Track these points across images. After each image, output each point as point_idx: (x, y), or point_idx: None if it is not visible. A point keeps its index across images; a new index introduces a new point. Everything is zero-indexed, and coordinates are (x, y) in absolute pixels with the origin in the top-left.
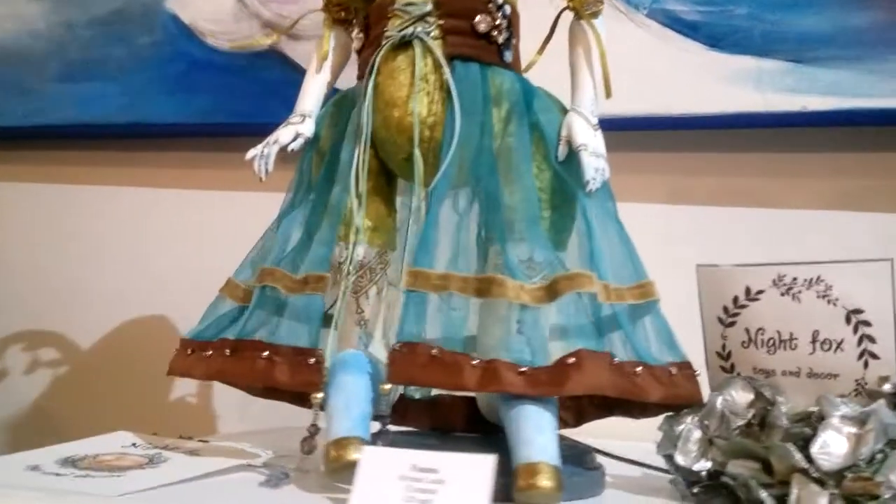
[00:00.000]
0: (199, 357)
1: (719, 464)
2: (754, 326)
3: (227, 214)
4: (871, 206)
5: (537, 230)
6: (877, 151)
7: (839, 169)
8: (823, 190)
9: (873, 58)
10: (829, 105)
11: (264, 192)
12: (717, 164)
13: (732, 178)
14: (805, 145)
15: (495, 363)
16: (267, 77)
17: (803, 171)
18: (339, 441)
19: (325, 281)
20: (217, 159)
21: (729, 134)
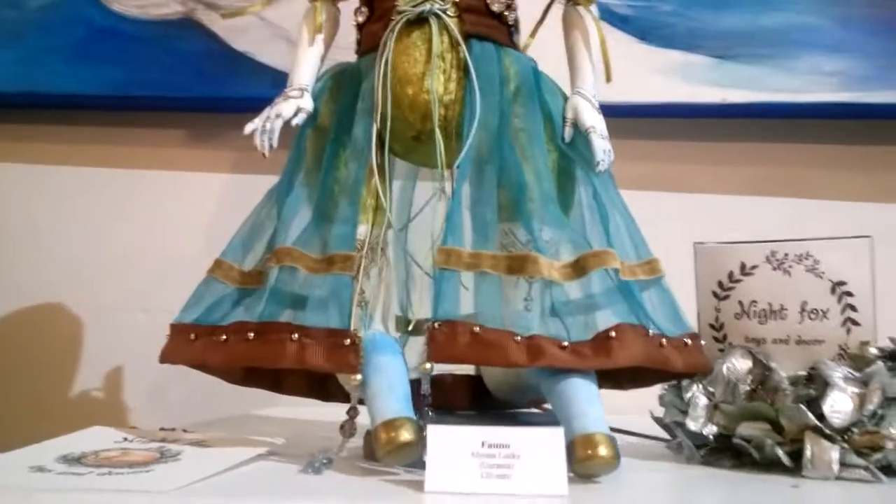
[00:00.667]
0: (210, 343)
1: (724, 427)
2: (748, 299)
3: (138, 194)
4: (782, 192)
5: (556, 209)
6: (788, 142)
7: (754, 157)
8: (740, 176)
9: (786, 56)
10: (746, 98)
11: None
12: (644, 151)
13: (657, 164)
14: (724, 135)
15: (537, 339)
16: (183, 48)
17: (722, 158)
18: (389, 423)
19: (352, 260)
20: (128, 135)
21: (656, 122)
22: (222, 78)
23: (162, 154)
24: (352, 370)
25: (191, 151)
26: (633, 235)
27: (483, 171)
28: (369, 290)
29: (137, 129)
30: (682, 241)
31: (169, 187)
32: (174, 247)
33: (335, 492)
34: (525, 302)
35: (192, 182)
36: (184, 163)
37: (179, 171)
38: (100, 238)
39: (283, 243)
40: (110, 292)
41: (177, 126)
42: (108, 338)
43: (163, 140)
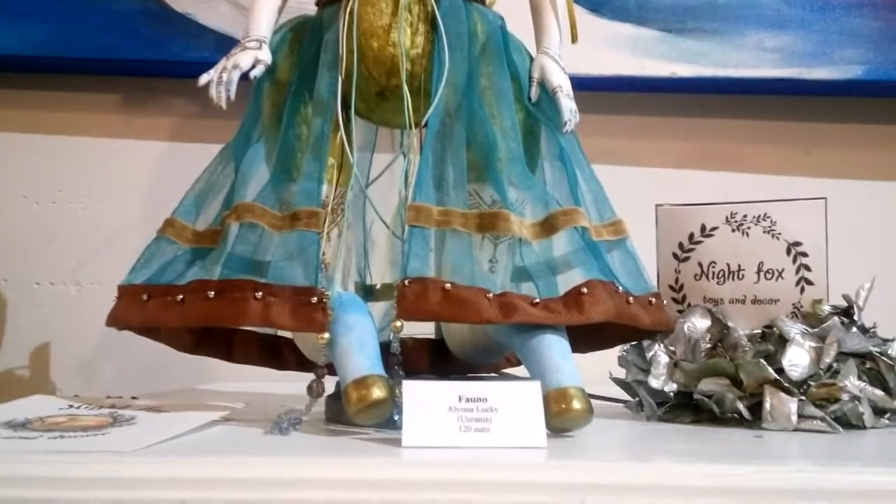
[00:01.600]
0: (165, 303)
1: (683, 385)
2: (707, 260)
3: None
4: (721, 167)
5: (524, 168)
6: (729, 118)
7: (696, 132)
8: (682, 151)
9: (733, 31)
10: (695, 72)
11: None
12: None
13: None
14: (670, 110)
15: (509, 296)
16: (118, 7)
17: (667, 133)
18: (360, 381)
19: (319, 217)
20: (58, 99)
21: (605, 97)
22: (161, 40)
23: (94, 120)
24: (319, 329)
25: (126, 118)
26: (598, 196)
27: (452, 129)
28: (329, 252)
29: (68, 94)
30: (625, 214)
31: (102, 155)
32: (108, 218)
33: (308, 451)
34: (490, 264)
35: (128, 150)
36: (118, 129)
37: (113, 138)
38: (26, 209)
39: (243, 199)
40: (39, 266)
41: (111, 90)
42: (36, 313)
43: (95, 105)
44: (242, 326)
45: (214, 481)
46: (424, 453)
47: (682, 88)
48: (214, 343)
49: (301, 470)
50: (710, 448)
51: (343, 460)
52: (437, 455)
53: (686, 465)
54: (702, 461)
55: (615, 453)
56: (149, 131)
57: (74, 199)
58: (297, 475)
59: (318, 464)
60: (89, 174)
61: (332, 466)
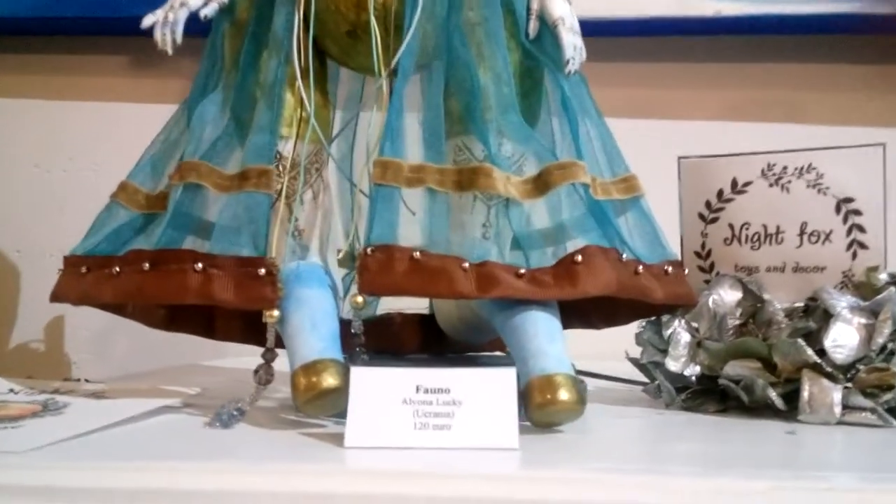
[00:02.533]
0: (101, 276)
1: (708, 367)
2: (739, 221)
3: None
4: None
5: (518, 119)
6: (783, 62)
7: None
8: (729, 100)
9: None
10: (742, 10)
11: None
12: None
13: (639, 88)
14: (714, 55)
15: (489, 266)
16: None
17: (711, 81)
18: (310, 366)
19: (269, 175)
20: (62, 62)
21: (639, 42)
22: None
23: (102, 83)
24: (267, 305)
25: (134, 80)
26: (608, 148)
27: (429, 73)
28: (303, 217)
29: (73, 56)
30: (665, 174)
31: (111, 120)
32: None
33: (237, 451)
34: (483, 228)
35: (137, 114)
36: (127, 93)
37: (122, 102)
38: (37, 178)
39: (190, 157)
40: (52, 237)
41: (118, 51)
42: (50, 285)
43: (102, 68)
44: (180, 302)
45: (96, 493)
46: (370, 455)
47: (727, 29)
48: (191, 318)
49: (205, 478)
50: (733, 450)
51: (268, 466)
52: (384, 458)
53: (696, 478)
54: (719, 472)
55: (612, 458)
56: (158, 94)
57: (85, 166)
58: (196, 485)
59: (235, 470)
60: (99, 140)
61: (250, 474)
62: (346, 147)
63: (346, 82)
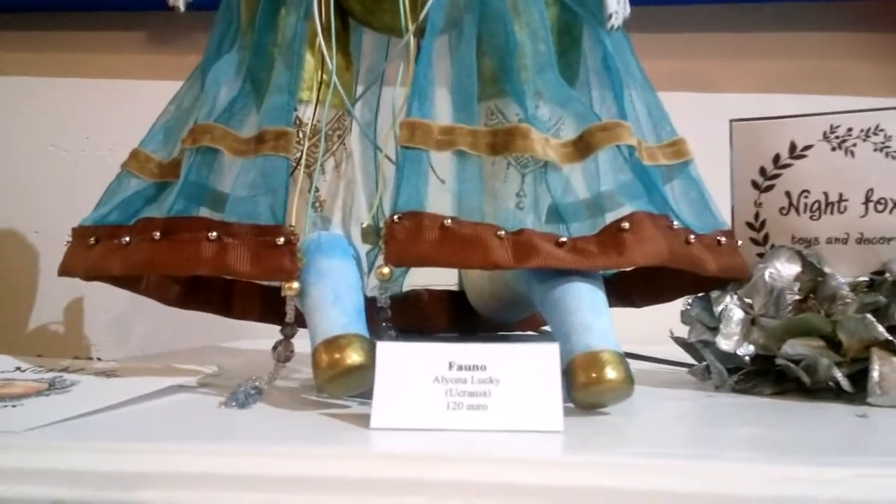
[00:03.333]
0: (110, 247)
1: (763, 346)
2: (797, 189)
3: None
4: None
5: (556, 78)
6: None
7: (787, 48)
8: (768, 72)
9: None
10: None
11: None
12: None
13: (669, 60)
14: (750, 22)
15: (527, 234)
16: None
17: (748, 50)
18: (332, 341)
19: (288, 138)
20: (77, 39)
21: (675, 10)
22: None
23: (118, 60)
24: (286, 276)
25: (151, 56)
26: (654, 110)
27: (460, 30)
28: (324, 187)
29: (88, 33)
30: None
31: (128, 98)
32: None
33: (253, 432)
34: (517, 198)
35: (155, 91)
36: (144, 70)
37: (139, 79)
38: (55, 158)
39: (203, 120)
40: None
41: (133, 27)
42: None
43: (118, 44)
44: (193, 273)
45: (95, 476)
46: (397, 440)
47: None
48: (208, 296)
49: (216, 461)
50: (797, 435)
51: (286, 449)
52: (414, 441)
53: (757, 464)
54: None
55: (662, 443)
56: (176, 70)
57: (102, 146)
58: (206, 469)
59: (250, 452)
60: (116, 119)
61: (267, 457)
62: (370, 115)
63: (369, 54)
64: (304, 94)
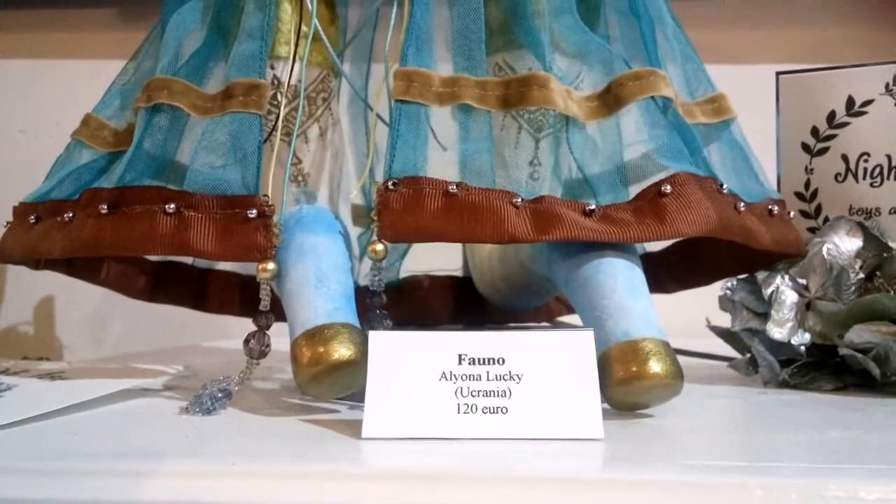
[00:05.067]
0: (52, 225)
1: (821, 335)
2: (856, 151)
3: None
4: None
5: (576, 21)
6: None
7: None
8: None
9: None
10: None
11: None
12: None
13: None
14: None
15: (548, 201)
16: None
17: (781, 19)
18: (315, 332)
19: (261, 91)
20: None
21: None
22: None
23: (88, 39)
24: (260, 255)
25: (123, 34)
26: (689, 63)
27: None
28: (308, 158)
29: (55, 11)
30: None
31: (100, 79)
32: None
33: (217, 445)
34: (531, 168)
35: None
36: (116, 49)
37: (111, 59)
38: (23, 144)
39: (161, 74)
40: None
41: (104, 3)
42: None
43: (88, 22)
44: (147, 254)
45: None
46: (394, 453)
47: None
48: (179, 286)
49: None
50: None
51: (258, 467)
52: (413, 457)
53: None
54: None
55: (719, 452)
56: None
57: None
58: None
59: (211, 472)
60: (88, 101)
61: (233, 478)
62: (360, 80)
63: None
64: (282, 48)
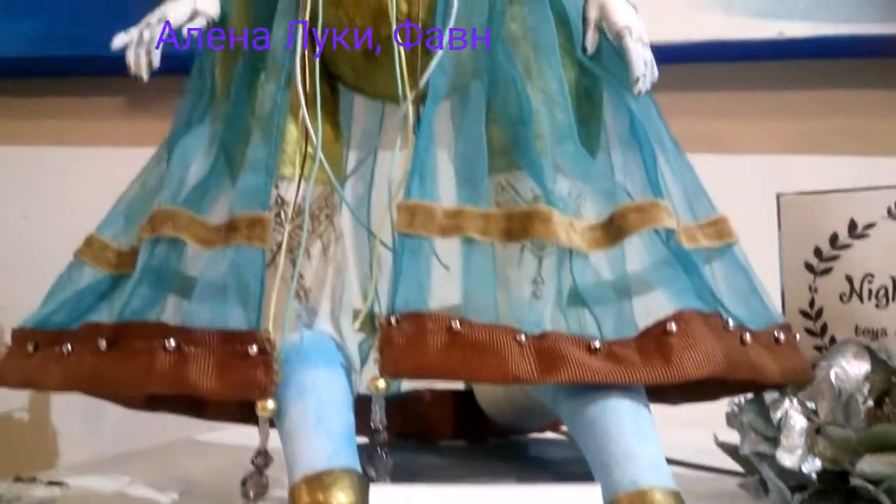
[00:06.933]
0: (50, 356)
1: (832, 461)
2: (860, 272)
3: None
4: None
5: (577, 149)
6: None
7: (818, 107)
8: (800, 131)
9: None
10: (809, 31)
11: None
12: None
13: (694, 119)
14: (779, 80)
15: (552, 338)
16: None
17: (778, 109)
18: (315, 478)
19: (264, 225)
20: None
21: (692, 68)
22: None
23: (97, 127)
24: (260, 394)
25: (132, 123)
26: (690, 185)
27: (466, 95)
28: (310, 274)
29: (65, 98)
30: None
31: (106, 167)
32: None
33: None
34: (533, 286)
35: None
36: (124, 137)
37: (119, 146)
38: (25, 230)
39: (167, 203)
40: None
41: (113, 92)
42: None
43: (97, 110)
44: (146, 392)
45: None
46: None
47: (793, 53)
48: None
49: None
50: None
51: None
52: None
53: None
54: None
55: None
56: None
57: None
58: None
59: None
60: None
61: None
62: (364, 187)
63: (361, 119)
64: (287, 169)
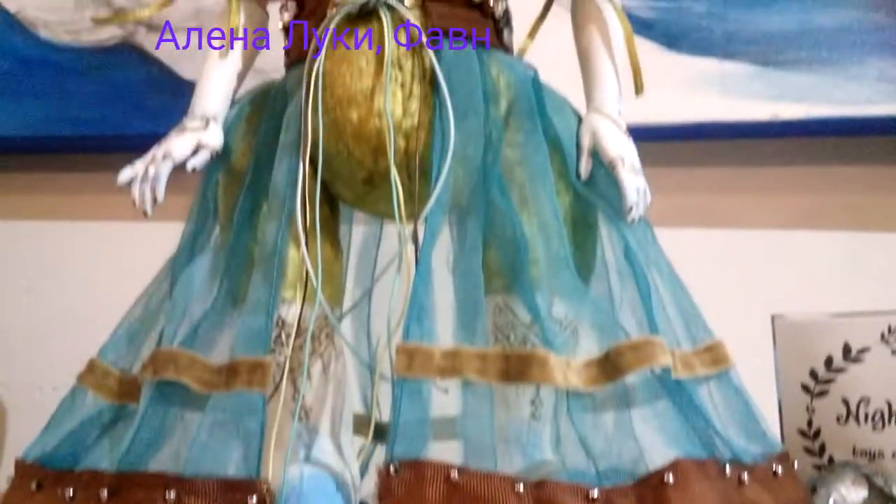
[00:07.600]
0: (53, 497)
1: None
2: (855, 396)
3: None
4: (845, 224)
5: (571, 276)
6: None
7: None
8: (793, 207)
9: (848, 61)
10: (801, 113)
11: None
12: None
13: (692, 195)
14: (774, 158)
15: (550, 488)
16: (119, 77)
17: (772, 186)
18: None
19: (264, 370)
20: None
21: (690, 146)
22: (167, 110)
23: (100, 202)
24: None
25: None
26: (685, 309)
27: (463, 226)
28: (311, 393)
29: (71, 175)
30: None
31: (110, 240)
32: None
33: None
34: (532, 406)
35: (139, 234)
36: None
37: (122, 221)
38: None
39: (168, 343)
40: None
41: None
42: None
43: (101, 186)
44: None
45: None
46: None
47: (787, 133)
48: None
49: None
50: None
51: None
52: None
53: None
54: None
55: None
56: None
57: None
58: None
59: None
60: (99, 263)
61: None
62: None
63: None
64: (288, 292)
